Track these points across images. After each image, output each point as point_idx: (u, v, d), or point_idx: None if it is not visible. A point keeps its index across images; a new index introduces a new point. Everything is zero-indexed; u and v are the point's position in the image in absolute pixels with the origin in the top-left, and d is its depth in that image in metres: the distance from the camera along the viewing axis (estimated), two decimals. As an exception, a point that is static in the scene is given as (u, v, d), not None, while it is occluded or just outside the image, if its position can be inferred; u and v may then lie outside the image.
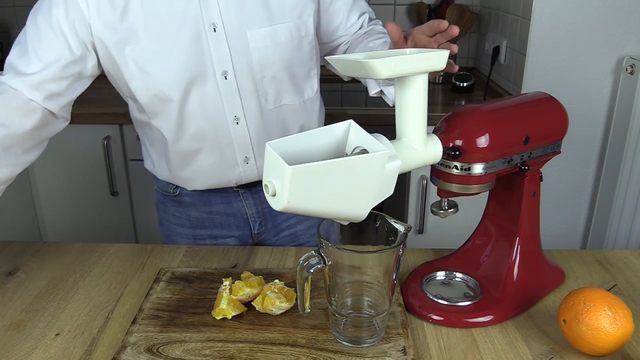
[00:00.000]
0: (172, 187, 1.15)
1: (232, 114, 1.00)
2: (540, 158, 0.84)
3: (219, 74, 0.97)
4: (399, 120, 0.73)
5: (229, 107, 1.00)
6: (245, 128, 1.02)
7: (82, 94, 1.05)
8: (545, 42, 1.78)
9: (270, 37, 0.97)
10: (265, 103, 1.02)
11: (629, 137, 1.73)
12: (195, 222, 1.16)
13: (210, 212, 1.15)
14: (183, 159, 1.06)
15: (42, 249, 1.03)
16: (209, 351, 0.73)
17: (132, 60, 0.94)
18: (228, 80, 0.98)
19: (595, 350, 0.72)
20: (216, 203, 1.14)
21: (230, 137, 1.02)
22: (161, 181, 1.17)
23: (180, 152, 1.05)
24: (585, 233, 2.02)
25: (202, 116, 0.99)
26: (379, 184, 0.65)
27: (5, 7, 2.46)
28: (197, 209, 1.15)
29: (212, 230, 1.16)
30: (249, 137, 1.03)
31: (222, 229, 1.16)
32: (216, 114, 1.00)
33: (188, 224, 1.17)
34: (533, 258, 0.88)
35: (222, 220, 1.15)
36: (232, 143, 1.03)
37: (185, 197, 1.14)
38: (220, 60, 0.96)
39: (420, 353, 0.75)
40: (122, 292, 0.90)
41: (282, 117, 1.05)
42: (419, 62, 0.68)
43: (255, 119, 1.02)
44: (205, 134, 1.02)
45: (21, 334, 0.79)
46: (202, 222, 1.16)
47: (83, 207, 2.08)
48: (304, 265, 0.71)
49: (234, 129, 1.01)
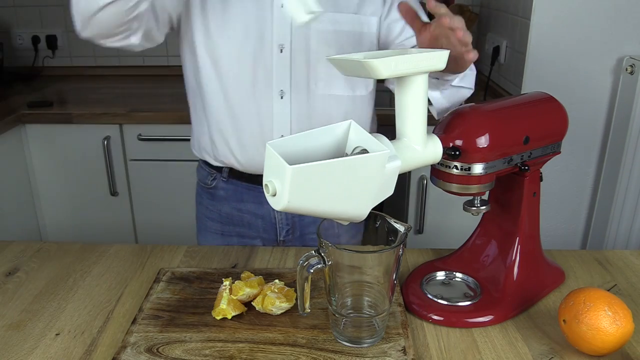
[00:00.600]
0: (210, 179, 1.17)
1: (278, 87, 1.02)
2: (540, 158, 0.84)
3: (275, 46, 1.00)
4: (399, 120, 0.73)
5: (277, 80, 1.02)
6: (288, 105, 1.04)
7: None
8: (545, 42, 1.78)
9: (332, 23, 1.00)
10: (314, 87, 1.04)
11: (629, 137, 1.73)
12: (225, 217, 1.18)
13: (240, 210, 1.16)
14: (220, 128, 1.07)
15: (42, 249, 1.03)
16: (209, 351, 0.73)
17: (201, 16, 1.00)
18: (283, 54, 1.01)
19: (595, 350, 0.72)
20: (248, 201, 1.15)
21: (271, 111, 1.04)
22: (201, 171, 1.19)
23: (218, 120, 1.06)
24: (585, 233, 2.02)
25: (249, 87, 1.02)
26: (379, 184, 0.65)
27: (5, 7, 2.46)
28: (228, 204, 1.16)
29: (240, 229, 1.18)
30: (290, 115, 1.04)
31: (249, 229, 1.17)
32: (264, 83, 1.02)
33: (218, 218, 1.19)
34: (533, 258, 0.88)
35: (250, 220, 1.17)
36: (272, 117, 1.04)
37: (220, 190, 1.16)
38: (280, 33, 1.00)
39: (420, 353, 0.75)
40: (122, 292, 0.90)
41: (328, 107, 1.06)
42: (419, 62, 0.68)
43: (301, 99, 1.04)
44: (250, 103, 1.03)
45: (21, 334, 0.79)
46: (231, 218, 1.17)
47: (83, 207, 2.08)
48: (304, 265, 0.71)
49: (277, 103, 1.03)
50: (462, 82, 1.00)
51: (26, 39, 2.49)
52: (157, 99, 2.14)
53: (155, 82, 2.39)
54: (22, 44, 2.50)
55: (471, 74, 1.03)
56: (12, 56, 2.51)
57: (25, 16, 2.47)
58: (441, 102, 1.02)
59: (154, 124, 1.95)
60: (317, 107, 1.05)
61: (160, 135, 1.97)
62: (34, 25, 2.48)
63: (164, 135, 1.97)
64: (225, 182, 1.15)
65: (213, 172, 1.16)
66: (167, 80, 2.41)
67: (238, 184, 1.14)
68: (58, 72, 2.51)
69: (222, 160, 1.11)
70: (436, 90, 1.00)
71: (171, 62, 2.48)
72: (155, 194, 2.05)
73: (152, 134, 1.97)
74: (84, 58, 2.51)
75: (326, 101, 1.06)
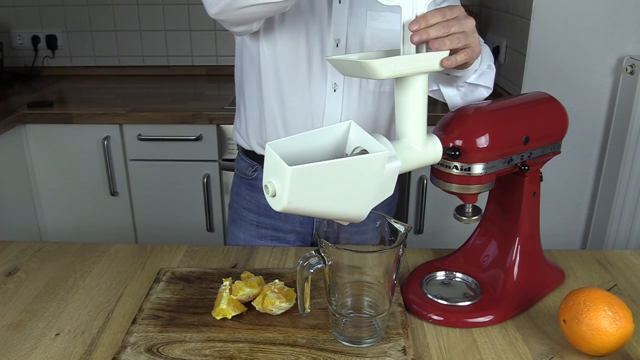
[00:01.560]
0: (250, 170, 1.18)
1: (332, 80, 1.04)
2: (540, 158, 0.84)
3: (331, 41, 1.02)
4: (399, 121, 0.73)
5: (331, 73, 1.04)
6: (340, 98, 1.05)
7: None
8: (545, 42, 1.78)
9: (387, 23, 1.02)
10: (366, 84, 1.06)
11: (629, 137, 1.73)
12: (263, 209, 1.19)
13: None
14: (274, 115, 1.08)
15: (42, 249, 1.03)
16: (209, 351, 0.73)
17: None
18: (339, 48, 1.02)
19: (595, 350, 0.72)
20: None
21: (323, 103, 1.05)
22: (242, 162, 1.21)
23: (272, 107, 1.08)
24: (585, 233, 2.02)
25: (305, 78, 1.04)
26: (379, 184, 0.65)
27: (5, 7, 2.46)
28: None
29: (275, 222, 1.19)
30: (341, 109, 1.06)
31: (285, 222, 1.18)
32: (319, 75, 1.04)
33: (255, 209, 1.20)
34: (533, 258, 0.88)
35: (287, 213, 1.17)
36: (324, 110, 1.06)
37: (260, 181, 1.17)
38: (337, 28, 1.01)
39: (420, 353, 0.75)
40: (122, 292, 0.90)
41: (377, 103, 1.08)
42: (419, 62, 0.68)
43: (353, 94, 1.06)
44: (304, 94, 1.05)
45: (21, 334, 0.79)
46: (268, 210, 1.18)
47: (83, 207, 2.08)
48: (304, 265, 0.71)
49: (330, 96, 1.05)
50: (479, 79, 0.99)
51: (26, 39, 2.49)
52: (157, 99, 2.14)
53: (155, 82, 2.39)
54: (22, 44, 2.50)
55: (490, 72, 1.01)
56: (12, 56, 2.51)
57: (25, 16, 2.47)
58: (456, 100, 1.02)
59: (154, 124, 1.95)
60: (367, 103, 1.08)
61: (160, 135, 1.97)
62: (34, 25, 2.48)
63: (164, 135, 1.97)
64: None
65: (254, 163, 1.18)
66: (167, 80, 2.42)
67: None
68: (58, 72, 2.51)
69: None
70: (451, 87, 1.00)
71: (171, 62, 2.49)
72: (155, 194, 2.06)
73: (152, 134, 1.97)
74: (84, 58, 2.51)
75: (376, 98, 1.08)
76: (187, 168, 2.01)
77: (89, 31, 2.48)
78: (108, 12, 2.44)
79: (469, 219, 0.83)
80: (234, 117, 1.23)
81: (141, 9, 2.42)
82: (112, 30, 2.47)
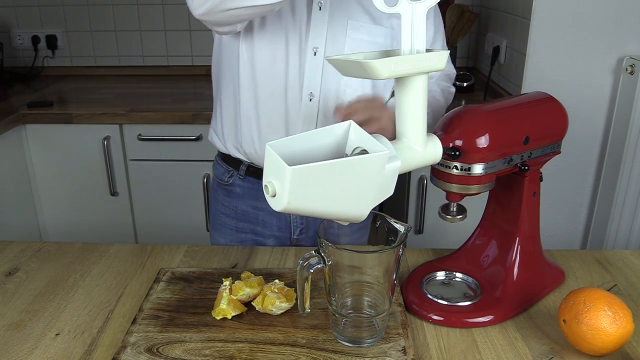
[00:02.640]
0: (227, 175, 1.17)
1: (309, 89, 1.03)
2: (540, 158, 0.84)
3: (310, 49, 1.01)
4: (399, 121, 0.73)
5: (308, 82, 1.03)
6: (316, 106, 1.04)
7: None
8: (545, 42, 1.78)
9: (368, 34, 1.02)
10: (343, 93, 1.05)
11: (629, 137, 1.73)
12: (241, 214, 1.19)
13: (256, 207, 1.17)
14: (249, 120, 1.07)
15: (42, 249, 1.03)
16: (209, 351, 0.73)
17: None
18: (316, 57, 1.01)
19: (595, 350, 0.72)
20: (264, 199, 1.14)
21: (299, 112, 1.04)
22: (219, 167, 1.20)
23: (248, 112, 1.07)
24: (585, 233, 2.02)
25: (281, 84, 1.03)
26: (379, 184, 0.65)
27: (5, 7, 2.46)
28: (244, 201, 1.17)
29: (254, 226, 1.18)
30: (316, 119, 1.05)
31: (263, 227, 1.18)
32: (296, 85, 1.03)
33: (234, 215, 1.19)
34: (533, 258, 0.88)
35: (265, 218, 1.17)
36: (299, 119, 1.05)
37: (237, 187, 1.17)
38: (315, 36, 1.00)
39: (420, 353, 0.75)
40: (122, 292, 0.90)
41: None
42: (419, 63, 0.68)
43: (329, 104, 1.04)
44: (280, 102, 1.04)
45: (21, 334, 0.79)
46: (246, 215, 1.18)
47: (83, 207, 2.08)
48: (304, 265, 0.71)
49: (305, 105, 1.04)
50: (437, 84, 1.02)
51: (26, 39, 2.49)
52: (157, 99, 2.14)
53: (155, 82, 2.39)
54: (22, 44, 2.50)
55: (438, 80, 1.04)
56: (12, 56, 2.51)
57: (25, 16, 2.47)
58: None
59: (154, 124, 1.95)
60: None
61: (160, 135, 1.97)
62: (34, 25, 2.48)
63: (164, 135, 1.97)
64: (242, 180, 1.16)
65: (230, 169, 1.17)
66: (167, 80, 2.42)
67: (255, 181, 1.15)
68: (58, 72, 2.51)
69: (244, 150, 1.11)
70: None
71: (171, 62, 2.49)
72: (155, 194, 2.06)
73: (152, 134, 1.97)
74: (84, 58, 2.51)
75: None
76: (187, 168, 2.01)
77: (89, 31, 2.48)
78: (108, 12, 2.44)
79: (452, 218, 0.82)
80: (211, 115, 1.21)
81: (141, 9, 2.42)
82: (112, 30, 2.47)
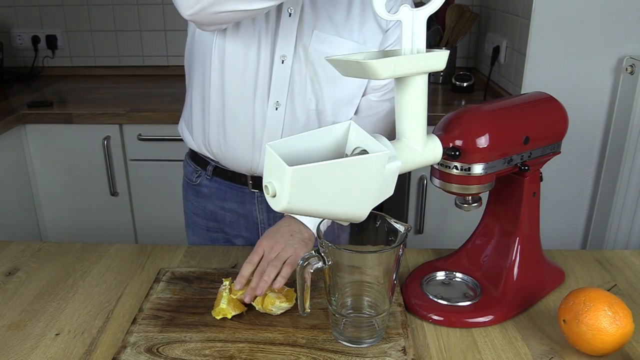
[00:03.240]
0: (195, 175, 1.17)
1: (275, 98, 1.02)
2: (540, 158, 0.84)
3: (277, 57, 1.00)
4: (399, 121, 0.73)
5: (274, 91, 1.02)
6: (282, 117, 1.04)
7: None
8: (545, 42, 1.78)
9: (332, 47, 1.00)
10: (309, 102, 1.04)
11: (629, 137, 1.73)
12: (209, 214, 1.19)
13: (223, 208, 1.17)
14: (217, 121, 1.07)
15: (42, 249, 1.03)
16: (209, 351, 0.73)
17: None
18: (284, 65, 1.00)
19: (595, 350, 0.72)
20: (230, 200, 1.15)
21: (264, 120, 1.04)
22: (187, 167, 1.20)
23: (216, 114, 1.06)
24: (585, 233, 2.02)
25: (250, 90, 1.02)
26: (379, 184, 0.65)
27: (5, 7, 2.46)
28: (212, 202, 1.17)
29: (223, 226, 1.19)
30: (282, 127, 1.04)
31: (231, 228, 1.18)
32: (263, 93, 1.02)
33: (203, 214, 1.20)
34: (533, 258, 0.88)
35: (232, 219, 1.17)
36: (264, 126, 1.04)
37: (204, 188, 1.17)
38: (284, 43, 0.99)
39: (420, 353, 0.75)
40: (122, 292, 0.90)
41: (313, 123, 1.06)
42: (419, 62, 0.68)
43: (296, 113, 1.04)
44: (247, 108, 1.03)
45: (21, 334, 0.79)
46: (214, 216, 1.18)
47: (83, 207, 2.08)
48: (304, 265, 0.71)
49: (271, 113, 1.03)
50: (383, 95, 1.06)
51: (26, 39, 2.49)
52: (157, 99, 2.14)
53: (155, 82, 2.39)
54: (22, 44, 2.50)
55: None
56: (12, 56, 2.51)
57: (25, 16, 2.47)
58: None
59: (154, 124, 1.95)
60: (310, 121, 1.05)
61: (160, 135, 1.97)
62: (34, 25, 2.48)
63: (164, 135, 1.97)
64: (209, 180, 1.16)
65: (198, 169, 1.17)
66: (167, 80, 2.41)
67: (221, 182, 1.15)
68: (58, 72, 2.51)
69: (211, 148, 1.10)
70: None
71: (171, 62, 2.48)
72: (155, 194, 2.05)
73: (152, 134, 1.97)
74: (84, 58, 2.51)
75: (314, 117, 1.05)
76: (187, 168, 2.01)
77: (89, 31, 2.48)
78: (108, 12, 2.44)
79: (469, 206, 0.83)
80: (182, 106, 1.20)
81: (141, 9, 2.42)
82: (112, 30, 2.47)
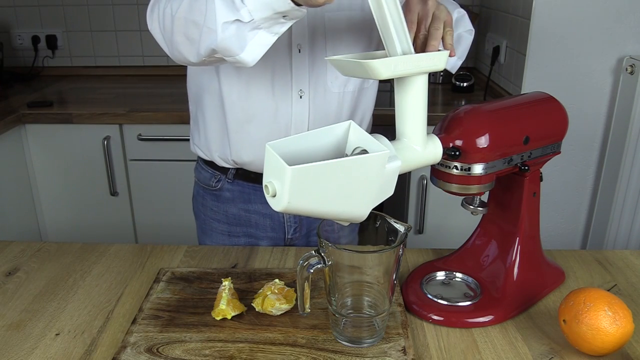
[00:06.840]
0: (214, 180, 1.16)
1: (298, 87, 1.02)
2: (540, 158, 0.84)
3: (294, 47, 1.00)
4: (399, 121, 0.73)
5: (296, 81, 1.02)
6: (307, 104, 1.04)
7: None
8: (545, 42, 1.78)
9: (346, 22, 1.00)
10: (331, 85, 1.04)
11: (629, 137, 1.73)
12: (232, 218, 1.17)
13: (248, 211, 1.15)
14: (238, 126, 1.06)
15: (42, 249, 1.03)
16: (209, 351, 0.73)
17: None
18: (301, 54, 1.00)
19: (595, 350, 0.72)
20: (255, 202, 1.14)
21: (290, 111, 1.04)
22: (203, 173, 1.18)
23: (236, 118, 1.05)
24: (585, 233, 2.02)
25: (269, 84, 1.01)
26: (379, 184, 0.65)
27: (5, 7, 2.46)
28: (235, 205, 1.16)
29: (247, 229, 1.17)
30: (308, 115, 1.04)
31: (257, 229, 1.17)
32: (283, 83, 1.02)
33: (225, 219, 1.18)
34: (533, 258, 0.88)
35: (257, 220, 1.16)
36: (291, 117, 1.04)
37: (226, 192, 1.15)
38: (298, 34, 0.99)
39: (420, 353, 0.75)
40: (122, 292, 0.90)
41: (342, 103, 1.07)
42: (419, 62, 0.68)
43: (318, 98, 1.04)
44: (268, 103, 1.03)
45: (21, 334, 0.79)
46: (238, 219, 1.17)
47: (83, 207, 2.09)
48: (304, 265, 0.71)
49: (296, 103, 1.03)
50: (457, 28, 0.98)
51: (26, 39, 2.49)
52: (157, 99, 2.14)
53: (155, 82, 2.39)
54: (22, 44, 2.50)
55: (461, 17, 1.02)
56: (12, 56, 2.51)
57: (25, 16, 2.47)
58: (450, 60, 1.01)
59: (154, 124, 1.95)
60: (332, 104, 1.06)
61: (160, 135, 1.97)
62: (34, 25, 2.48)
63: (164, 135, 1.97)
64: (231, 184, 1.14)
65: (217, 173, 1.15)
66: (167, 80, 2.42)
67: (244, 184, 1.14)
68: (58, 72, 2.51)
69: (233, 160, 1.10)
70: None
71: (171, 62, 2.46)
72: (155, 194, 2.06)
73: (152, 134, 1.97)
74: (84, 58, 2.51)
75: (340, 98, 1.06)
76: (187, 168, 2.00)
77: (89, 31, 2.48)
78: (108, 12, 2.44)
79: (475, 209, 0.84)
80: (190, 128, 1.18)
81: (141, 9, 2.42)
82: (112, 30, 2.47)
